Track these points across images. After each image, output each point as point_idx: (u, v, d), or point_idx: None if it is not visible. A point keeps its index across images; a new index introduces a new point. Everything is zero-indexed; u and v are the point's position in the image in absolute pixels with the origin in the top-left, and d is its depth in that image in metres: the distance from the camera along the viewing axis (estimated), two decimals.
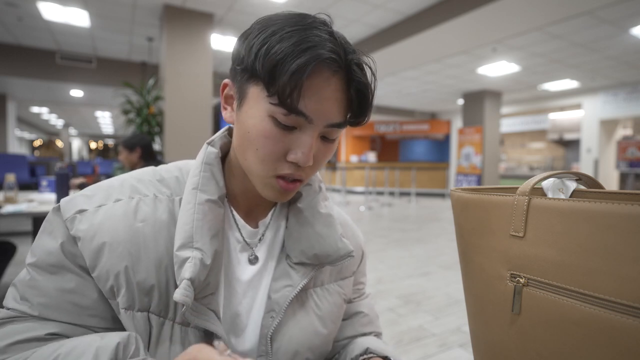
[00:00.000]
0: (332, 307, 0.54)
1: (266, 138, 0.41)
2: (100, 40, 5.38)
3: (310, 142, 0.41)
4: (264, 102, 0.40)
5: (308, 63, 0.37)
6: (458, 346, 1.99)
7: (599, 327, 0.28)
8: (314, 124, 0.41)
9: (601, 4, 3.62)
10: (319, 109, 0.40)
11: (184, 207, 0.44)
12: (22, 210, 1.90)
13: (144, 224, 0.43)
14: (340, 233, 0.51)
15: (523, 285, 0.34)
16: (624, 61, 5.98)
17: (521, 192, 0.35)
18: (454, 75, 7.05)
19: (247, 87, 0.42)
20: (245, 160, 0.45)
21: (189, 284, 0.38)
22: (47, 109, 10.86)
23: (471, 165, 8.59)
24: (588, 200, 0.29)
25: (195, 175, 0.46)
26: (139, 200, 0.45)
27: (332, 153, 0.46)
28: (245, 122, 0.43)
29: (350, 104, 0.42)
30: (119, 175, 1.67)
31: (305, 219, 0.51)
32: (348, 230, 0.61)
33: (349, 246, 0.51)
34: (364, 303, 0.63)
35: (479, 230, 0.39)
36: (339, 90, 0.41)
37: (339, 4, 4.06)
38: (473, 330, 0.41)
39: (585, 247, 0.29)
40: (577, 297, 0.29)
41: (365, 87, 0.42)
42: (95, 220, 0.42)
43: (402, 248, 4.22)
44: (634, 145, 6.94)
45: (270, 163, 0.42)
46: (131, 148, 2.42)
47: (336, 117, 0.42)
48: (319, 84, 0.39)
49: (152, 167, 0.51)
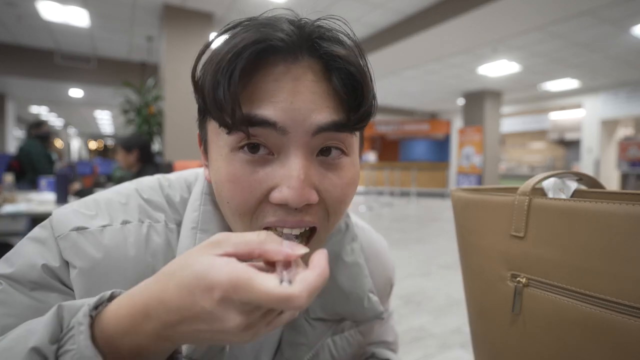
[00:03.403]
0: (348, 359, 0.46)
1: (234, 183, 0.31)
2: (99, 39, 5.37)
3: (297, 165, 0.29)
4: (223, 137, 0.31)
5: (248, 58, 0.28)
6: (458, 346, 1.99)
7: (599, 327, 0.28)
8: (291, 133, 0.29)
9: (602, 3, 3.61)
10: (289, 109, 0.29)
11: (182, 252, 0.35)
12: (21, 211, 1.90)
13: (154, 260, 0.35)
14: (368, 288, 0.42)
15: (524, 286, 0.34)
16: (624, 61, 5.97)
17: (522, 192, 0.35)
18: (454, 75, 7.05)
19: (206, 128, 0.34)
20: (224, 214, 0.35)
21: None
22: (46, 109, 10.86)
23: (471, 165, 8.58)
24: (589, 201, 0.29)
25: (195, 209, 0.38)
26: (150, 226, 0.37)
27: (352, 183, 0.33)
28: (212, 172, 0.34)
29: (338, 94, 0.31)
30: (118, 175, 1.66)
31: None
32: (377, 263, 0.51)
33: (378, 306, 0.42)
34: (389, 330, 0.57)
35: (479, 230, 0.39)
36: (315, 82, 0.30)
37: (339, 4, 4.06)
38: (473, 330, 0.41)
39: (586, 247, 0.29)
40: (578, 297, 0.29)
41: (347, 61, 0.30)
42: (101, 246, 0.33)
43: (403, 248, 4.22)
44: (635, 145, 6.93)
45: (249, 214, 0.31)
46: (129, 149, 2.42)
47: (323, 117, 0.30)
48: (277, 79, 0.29)
49: (159, 180, 0.42)
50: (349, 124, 0.31)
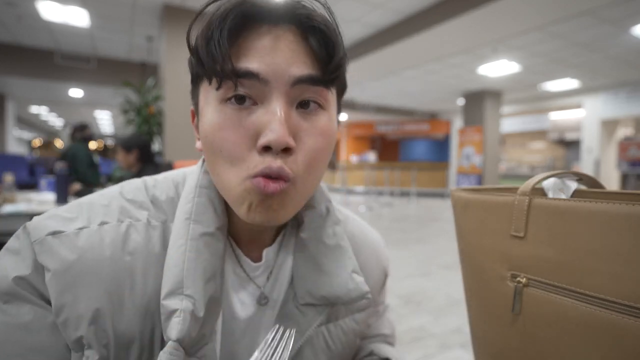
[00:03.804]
0: (344, 349, 0.47)
1: (224, 130, 0.34)
2: (99, 39, 5.37)
3: (276, 109, 0.33)
4: (213, 93, 0.35)
5: (235, 19, 0.33)
6: (458, 346, 1.99)
7: (599, 327, 0.28)
8: (272, 82, 0.33)
9: (602, 3, 3.61)
10: (271, 63, 0.33)
11: (175, 242, 0.36)
12: (21, 211, 1.90)
13: (132, 258, 0.36)
14: (351, 269, 0.43)
15: (523, 286, 0.34)
16: (624, 61, 5.98)
17: (522, 192, 0.35)
18: (454, 75, 7.05)
19: (198, 93, 0.37)
20: (218, 176, 0.36)
21: (177, 346, 0.32)
22: (46, 109, 10.86)
23: (471, 165, 8.59)
24: (589, 201, 0.29)
25: (189, 201, 0.39)
26: (130, 225, 0.37)
27: (327, 137, 0.37)
28: (203, 129, 0.36)
29: (314, 52, 0.35)
30: (118, 175, 1.68)
31: (309, 253, 0.43)
32: (371, 252, 0.52)
33: (363, 286, 0.42)
34: (385, 323, 0.57)
35: (479, 230, 0.39)
36: (294, 41, 0.34)
37: (339, 4, 4.06)
38: (473, 330, 0.41)
39: (586, 247, 0.29)
40: (578, 297, 0.29)
41: (321, 25, 0.34)
42: (75, 248, 0.34)
43: (403, 248, 4.22)
44: (635, 146, 6.94)
45: (240, 162, 0.34)
46: (128, 149, 2.42)
47: (300, 69, 0.34)
48: (260, 38, 0.34)
49: (145, 181, 0.43)
50: (324, 78, 0.35)
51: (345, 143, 13.34)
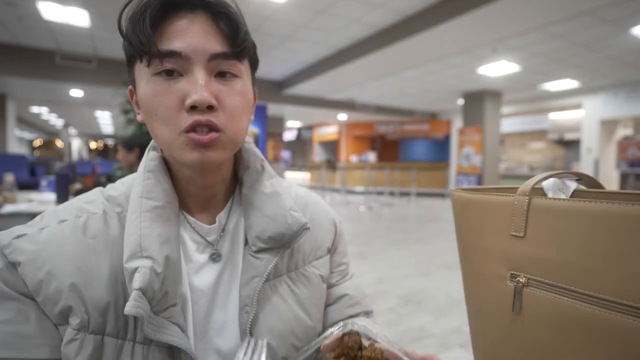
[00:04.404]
0: (309, 291, 0.53)
1: (157, 96, 0.40)
2: (100, 39, 5.37)
3: (198, 77, 0.40)
4: (145, 70, 0.41)
5: (156, 6, 0.39)
6: (458, 346, 1.99)
7: (599, 327, 0.28)
8: (193, 58, 0.40)
9: (602, 3, 3.61)
10: (190, 43, 0.40)
11: (130, 217, 0.42)
12: (21, 210, 1.90)
13: (94, 240, 0.41)
14: (289, 208, 0.49)
15: (523, 286, 0.34)
16: (624, 61, 5.98)
17: (521, 192, 0.35)
18: (454, 75, 7.05)
19: (133, 72, 0.43)
20: (157, 137, 0.43)
21: (139, 295, 0.36)
22: (47, 109, 10.86)
23: (471, 165, 8.58)
24: (588, 200, 0.29)
25: (139, 184, 0.45)
26: (87, 218, 0.43)
27: (243, 97, 0.44)
28: (140, 99, 0.43)
29: (223, 33, 0.42)
30: (118, 174, 1.71)
31: (252, 204, 0.50)
32: (316, 206, 0.59)
33: (301, 219, 0.49)
34: (348, 285, 0.61)
35: (479, 230, 0.39)
36: (207, 25, 0.42)
37: (339, 4, 4.06)
38: (473, 330, 0.41)
39: (585, 247, 0.29)
40: (578, 297, 0.29)
41: (227, 10, 0.42)
42: (38, 241, 0.39)
43: (402, 248, 4.22)
44: (634, 145, 6.94)
45: (172, 120, 0.40)
46: (129, 148, 2.45)
47: (214, 47, 0.41)
48: (180, 23, 0.40)
49: (100, 188, 0.49)
50: (233, 52, 0.43)
51: (345, 143, 13.33)
